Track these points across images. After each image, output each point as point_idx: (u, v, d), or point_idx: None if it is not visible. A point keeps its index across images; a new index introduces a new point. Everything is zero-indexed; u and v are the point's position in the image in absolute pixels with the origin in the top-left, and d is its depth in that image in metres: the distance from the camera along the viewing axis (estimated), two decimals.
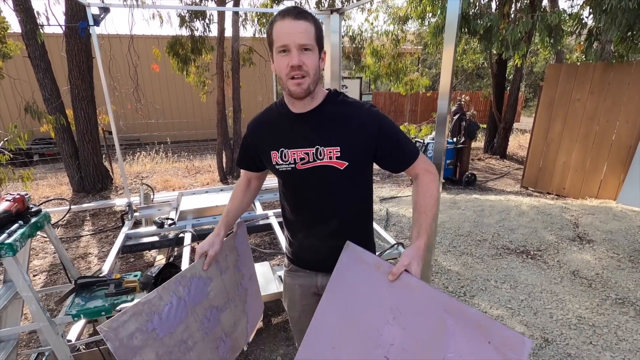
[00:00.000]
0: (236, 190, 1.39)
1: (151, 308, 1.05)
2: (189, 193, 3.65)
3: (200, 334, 1.22)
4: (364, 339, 1.00)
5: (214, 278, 1.27)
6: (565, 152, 5.19)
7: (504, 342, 0.73)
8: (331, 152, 1.09)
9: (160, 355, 1.07)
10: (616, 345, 2.22)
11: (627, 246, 3.41)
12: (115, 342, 0.95)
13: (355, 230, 1.22)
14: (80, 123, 4.84)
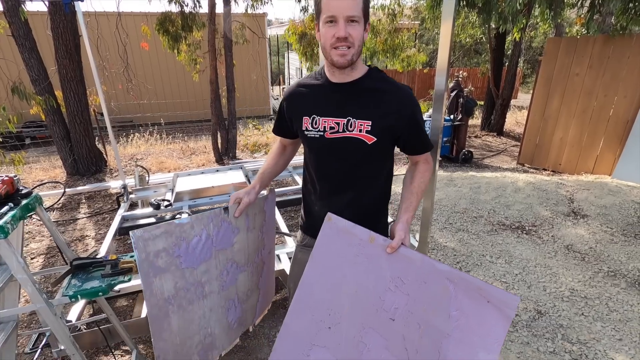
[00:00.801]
0: (271, 153, 1.44)
1: (182, 233, 1.07)
2: (184, 174, 3.62)
3: (217, 285, 1.24)
4: (364, 305, 1.05)
5: (240, 231, 1.29)
6: (562, 128, 5.17)
7: (500, 301, 0.86)
8: (362, 125, 1.11)
9: (177, 287, 1.10)
10: (607, 316, 2.28)
11: (621, 220, 3.45)
12: (143, 253, 0.99)
13: (370, 205, 1.26)
14: (71, 104, 4.73)
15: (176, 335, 1.14)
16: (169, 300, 1.09)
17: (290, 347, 1.17)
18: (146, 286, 1.03)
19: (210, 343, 1.29)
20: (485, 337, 0.87)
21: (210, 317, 1.26)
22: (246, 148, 6.65)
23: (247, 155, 6.26)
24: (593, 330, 2.15)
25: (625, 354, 1.98)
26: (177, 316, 1.13)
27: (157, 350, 1.08)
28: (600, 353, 1.98)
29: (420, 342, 0.95)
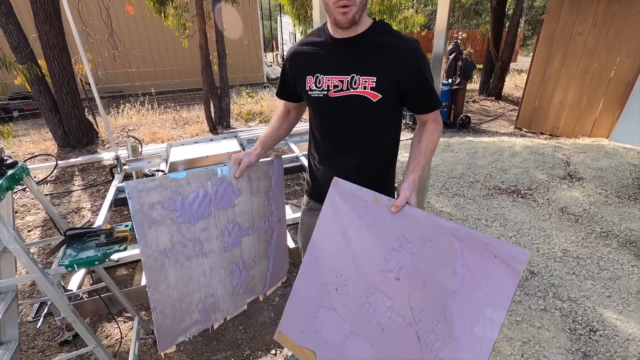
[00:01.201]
0: (274, 117, 1.39)
1: (177, 188, 1.07)
2: (177, 144, 3.55)
3: (218, 245, 1.24)
4: (369, 266, 1.06)
5: (242, 192, 1.27)
6: (562, 90, 5.08)
7: (508, 255, 0.83)
8: (367, 81, 1.07)
9: (173, 241, 1.10)
10: (597, 274, 2.34)
11: (616, 182, 3.47)
12: (137, 204, 1.00)
13: (376, 167, 1.24)
14: (56, 74, 4.54)
15: (173, 289, 1.15)
16: (164, 252, 1.10)
17: (300, 309, 1.20)
18: (140, 236, 1.03)
19: (213, 304, 1.30)
20: (492, 293, 0.85)
21: (211, 277, 1.26)
22: (240, 117, 6.53)
23: (242, 125, 6.15)
24: (583, 288, 2.21)
25: (613, 309, 2.05)
26: (174, 270, 1.14)
27: (152, 301, 1.09)
28: (589, 309, 2.05)
29: (426, 300, 0.95)
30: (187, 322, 1.23)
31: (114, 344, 1.93)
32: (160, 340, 1.16)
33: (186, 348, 1.89)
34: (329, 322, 1.13)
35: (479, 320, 0.87)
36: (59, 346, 1.92)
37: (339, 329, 1.11)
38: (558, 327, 1.93)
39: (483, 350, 0.85)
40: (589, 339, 1.87)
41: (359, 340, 1.07)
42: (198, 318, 1.26)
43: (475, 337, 0.87)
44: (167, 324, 1.16)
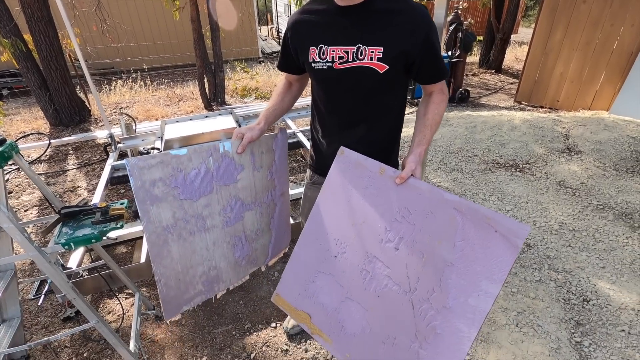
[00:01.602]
0: (276, 91, 1.35)
1: (179, 164, 1.07)
2: (172, 121, 3.49)
3: (221, 220, 1.24)
4: (370, 235, 1.07)
5: (245, 168, 1.26)
6: (563, 62, 4.98)
7: (509, 230, 0.84)
8: (373, 52, 1.02)
9: (176, 217, 1.11)
10: (592, 246, 2.37)
11: (614, 155, 3.46)
12: (138, 181, 1.00)
13: (381, 140, 1.22)
14: (43, 49, 4.39)
15: (177, 263, 1.17)
16: (167, 228, 1.10)
17: (298, 274, 1.23)
18: (143, 213, 1.03)
19: (216, 275, 1.32)
20: (490, 266, 0.86)
21: (214, 250, 1.27)
22: (235, 93, 6.39)
23: (237, 101, 6.03)
24: (578, 260, 2.25)
25: (607, 280, 2.09)
26: (177, 245, 1.15)
27: (157, 275, 1.12)
28: (583, 280, 2.09)
29: (423, 270, 0.97)
30: (191, 292, 1.27)
31: (117, 319, 1.96)
32: (165, 310, 1.20)
33: (188, 322, 1.92)
34: (326, 287, 1.16)
35: (474, 292, 0.88)
36: (62, 322, 1.95)
37: (335, 294, 1.14)
38: (552, 298, 1.97)
39: (475, 320, 0.87)
40: (582, 309, 1.91)
41: (354, 306, 1.10)
42: (201, 289, 1.29)
43: (468, 308, 0.89)
44: (171, 295, 1.20)
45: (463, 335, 0.89)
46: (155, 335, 1.86)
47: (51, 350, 1.79)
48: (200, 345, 1.80)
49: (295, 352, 1.74)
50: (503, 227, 0.85)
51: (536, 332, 1.77)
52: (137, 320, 1.67)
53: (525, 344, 1.71)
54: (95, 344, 1.81)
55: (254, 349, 1.77)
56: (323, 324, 1.16)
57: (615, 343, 1.71)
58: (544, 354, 1.66)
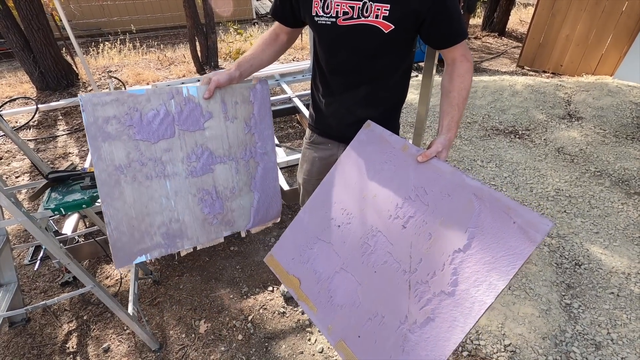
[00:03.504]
0: (260, 40, 1.23)
1: (135, 104, 1.03)
2: (163, 85, 3.36)
3: (184, 169, 1.18)
4: (379, 209, 1.05)
5: (214, 116, 1.19)
6: (570, 24, 4.78)
7: (529, 223, 0.79)
8: (379, 9, 0.95)
9: (130, 158, 1.07)
10: (587, 212, 2.38)
11: (615, 121, 3.41)
12: (91, 117, 0.98)
13: (384, 103, 1.17)
14: (22, 7, 4.13)
15: (130, 207, 1.12)
16: (120, 168, 1.07)
17: (297, 238, 1.21)
18: (94, 149, 1.01)
19: (179, 229, 1.26)
20: (501, 258, 0.81)
21: (176, 201, 1.21)
22: (229, 56, 6.15)
23: (231, 64, 5.81)
24: (573, 226, 2.26)
25: (600, 244, 2.11)
26: (132, 188, 1.10)
27: (106, 216, 1.07)
28: (576, 245, 2.11)
29: (428, 251, 0.93)
30: (148, 243, 1.20)
31: (115, 284, 1.98)
32: (115, 257, 1.14)
33: (185, 287, 1.95)
34: (323, 255, 1.14)
35: (479, 283, 0.84)
36: (61, 287, 1.96)
37: (331, 263, 1.12)
38: (545, 262, 2.00)
39: (473, 311, 0.82)
40: (574, 272, 1.95)
41: (348, 278, 1.08)
42: (161, 241, 1.23)
43: (469, 297, 0.84)
44: (123, 241, 1.13)
45: (457, 325, 0.84)
46: (154, 299, 1.89)
47: (51, 314, 1.81)
48: (198, 308, 1.83)
49: (292, 314, 1.78)
50: (523, 220, 0.80)
51: (528, 294, 1.81)
52: (134, 284, 1.68)
53: (517, 306, 1.75)
54: (95, 307, 1.84)
55: (251, 312, 1.80)
56: (311, 292, 1.14)
57: (603, 305, 1.76)
58: (534, 315, 1.70)
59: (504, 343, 1.60)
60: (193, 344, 1.66)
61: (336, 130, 1.23)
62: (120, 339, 1.69)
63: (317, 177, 1.37)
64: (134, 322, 1.49)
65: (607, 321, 1.68)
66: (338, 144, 1.27)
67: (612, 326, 1.66)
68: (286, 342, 1.67)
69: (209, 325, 1.74)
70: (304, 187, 1.46)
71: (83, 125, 3.49)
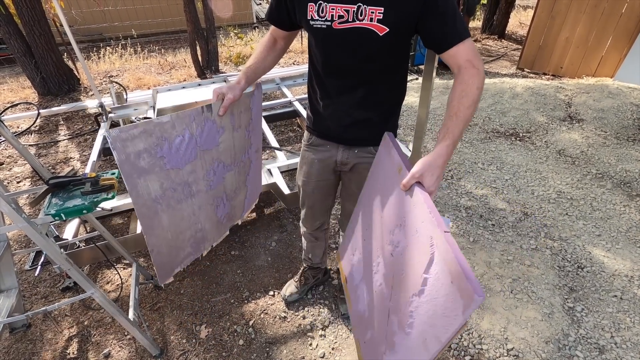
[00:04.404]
0: (259, 47, 1.26)
1: (163, 132, 1.02)
2: (164, 89, 3.38)
3: (205, 185, 1.24)
4: (382, 232, 1.03)
5: (226, 130, 1.23)
6: (569, 26, 4.79)
7: (462, 288, 0.65)
8: (373, 12, 0.94)
9: (165, 188, 1.09)
10: (589, 214, 2.37)
11: (616, 123, 3.41)
12: (122, 154, 0.94)
13: (381, 105, 1.16)
14: (24, 13, 4.16)
15: (167, 231, 1.17)
16: (156, 200, 1.08)
17: (349, 238, 1.34)
18: (131, 188, 0.99)
19: (202, 237, 1.35)
20: (441, 317, 0.71)
21: (199, 214, 1.28)
22: (229, 60, 6.17)
23: (231, 68, 5.83)
24: (575, 228, 2.25)
25: (602, 247, 2.10)
26: (167, 215, 1.14)
27: (150, 245, 1.12)
28: (579, 248, 2.10)
29: (400, 286, 0.89)
30: (181, 255, 1.30)
31: (115, 289, 1.98)
32: (159, 276, 1.23)
33: (186, 291, 1.94)
34: (358, 260, 1.23)
35: (425, 334, 0.77)
36: (61, 292, 1.96)
37: (360, 271, 1.21)
38: (547, 265, 1.99)
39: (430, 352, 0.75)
40: (576, 275, 1.93)
41: (364, 290, 1.16)
42: (190, 250, 1.33)
43: (419, 344, 0.79)
44: (164, 262, 1.22)
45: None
46: (155, 304, 1.88)
47: (52, 319, 1.81)
48: (199, 313, 1.82)
49: (293, 319, 1.77)
50: (459, 283, 0.66)
51: (530, 298, 1.80)
52: (135, 289, 1.68)
53: (519, 310, 1.74)
54: (96, 313, 1.84)
55: (252, 316, 1.79)
56: (352, 291, 1.24)
57: (607, 308, 1.75)
58: (537, 319, 1.69)
59: (506, 347, 1.59)
60: (194, 350, 1.65)
61: (334, 132, 1.23)
62: (120, 345, 1.68)
63: (317, 179, 1.37)
64: (135, 327, 1.48)
65: (610, 324, 1.67)
66: (337, 146, 1.27)
67: (615, 330, 1.65)
68: (287, 347, 1.66)
69: (210, 331, 1.73)
70: (304, 189, 1.46)
71: (84, 129, 3.48)
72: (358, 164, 1.26)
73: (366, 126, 1.18)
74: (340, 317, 1.76)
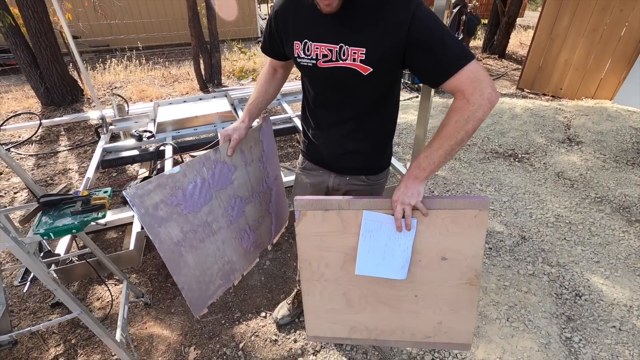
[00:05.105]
0: (260, 79, 1.28)
1: (175, 183, 1.08)
2: (165, 103, 3.41)
3: (225, 221, 1.28)
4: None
5: (238, 167, 1.28)
6: (569, 49, 4.84)
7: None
8: (356, 53, 0.93)
9: (185, 231, 1.14)
10: (588, 240, 2.34)
11: (615, 147, 3.40)
12: (141, 209, 1.00)
13: (371, 136, 1.16)
14: (31, 25, 4.24)
15: (195, 269, 1.22)
16: (179, 243, 1.13)
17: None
18: (154, 237, 1.05)
19: (230, 268, 1.39)
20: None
21: (224, 248, 1.32)
22: (232, 74, 6.25)
23: (234, 82, 5.90)
24: (573, 254, 2.22)
25: (601, 275, 2.07)
26: (192, 255, 1.19)
27: (180, 283, 1.17)
28: (577, 274, 2.07)
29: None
30: (212, 288, 1.34)
31: (106, 306, 1.95)
32: (194, 309, 1.27)
33: (177, 310, 1.91)
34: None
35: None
36: (51, 308, 1.93)
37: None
38: (545, 292, 1.96)
39: None
40: (574, 304, 1.90)
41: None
42: (220, 283, 1.37)
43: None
44: (195, 296, 1.26)
45: None
46: (145, 323, 1.85)
47: (39, 337, 1.78)
48: (189, 333, 1.79)
49: (284, 343, 1.74)
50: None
51: (527, 326, 1.76)
52: (124, 308, 1.65)
53: (515, 339, 1.70)
54: (84, 331, 1.80)
55: (242, 339, 1.76)
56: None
57: (605, 339, 1.71)
58: (534, 349, 1.65)
59: None
60: None
61: (327, 159, 1.24)
62: None
63: None
64: (121, 349, 1.45)
65: (609, 357, 1.63)
66: (329, 173, 1.26)
67: None
68: None
69: (198, 353, 1.70)
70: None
71: (84, 141, 3.49)
72: (350, 190, 1.26)
73: (358, 156, 1.18)
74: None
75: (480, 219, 0.98)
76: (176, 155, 2.81)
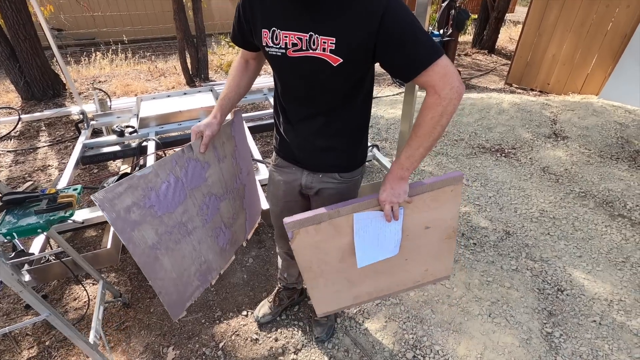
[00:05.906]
0: (232, 72, 1.22)
1: (147, 184, 1.03)
2: (148, 98, 3.33)
3: (200, 220, 1.25)
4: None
5: (211, 164, 1.24)
6: (556, 44, 4.86)
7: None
8: (325, 42, 0.89)
9: (160, 233, 1.10)
10: (571, 235, 2.35)
11: (600, 141, 3.43)
12: (112, 213, 0.95)
13: (343, 133, 1.12)
14: (9, 16, 4.09)
15: (171, 272, 1.18)
16: (154, 246, 1.09)
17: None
18: (127, 241, 0.99)
19: (207, 268, 1.36)
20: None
21: (200, 248, 1.29)
22: (220, 69, 6.15)
23: (222, 77, 5.80)
24: (556, 249, 2.23)
25: (583, 269, 2.08)
26: (168, 257, 1.15)
27: (157, 288, 1.13)
28: (559, 269, 2.08)
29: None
30: (190, 290, 1.30)
31: (83, 306, 1.90)
32: (172, 314, 1.23)
33: (156, 310, 1.87)
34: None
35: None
36: (25, 309, 1.87)
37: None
38: (527, 287, 1.96)
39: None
40: (556, 299, 1.90)
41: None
42: (198, 283, 1.34)
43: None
44: (174, 299, 1.22)
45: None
46: (122, 323, 1.80)
47: (11, 339, 1.72)
48: (167, 333, 1.75)
49: (265, 341, 1.71)
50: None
51: (508, 322, 1.76)
52: (99, 309, 1.61)
53: (497, 335, 1.70)
54: (58, 332, 1.75)
55: (223, 338, 1.73)
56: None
57: (585, 334, 1.71)
58: (515, 345, 1.65)
59: None
60: None
61: (299, 156, 1.20)
62: None
63: (284, 200, 1.34)
64: (94, 351, 1.41)
65: (588, 352, 1.63)
66: (302, 170, 1.23)
67: (593, 357, 1.61)
68: None
69: (177, 353, 1.66)
70: (272, 209, 1.45)
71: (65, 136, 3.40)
72: (323, 189, 1.22)
73: (329, 154, 1.15)
74: (314, 340, 1.70)
75: (456, 192, 1.10)
76: (159, 151, 2.75)
